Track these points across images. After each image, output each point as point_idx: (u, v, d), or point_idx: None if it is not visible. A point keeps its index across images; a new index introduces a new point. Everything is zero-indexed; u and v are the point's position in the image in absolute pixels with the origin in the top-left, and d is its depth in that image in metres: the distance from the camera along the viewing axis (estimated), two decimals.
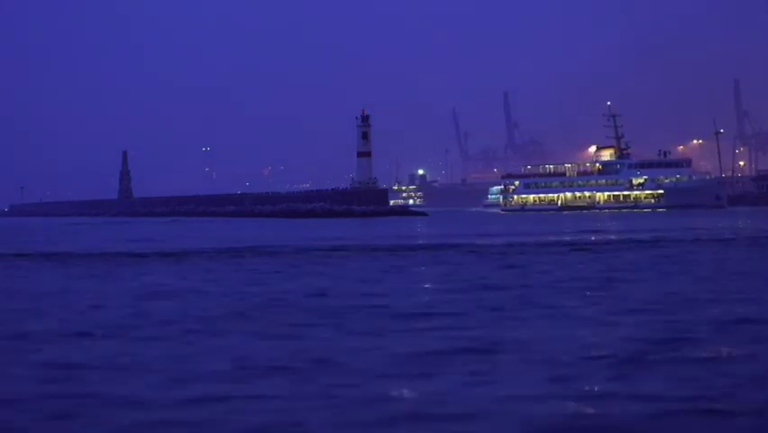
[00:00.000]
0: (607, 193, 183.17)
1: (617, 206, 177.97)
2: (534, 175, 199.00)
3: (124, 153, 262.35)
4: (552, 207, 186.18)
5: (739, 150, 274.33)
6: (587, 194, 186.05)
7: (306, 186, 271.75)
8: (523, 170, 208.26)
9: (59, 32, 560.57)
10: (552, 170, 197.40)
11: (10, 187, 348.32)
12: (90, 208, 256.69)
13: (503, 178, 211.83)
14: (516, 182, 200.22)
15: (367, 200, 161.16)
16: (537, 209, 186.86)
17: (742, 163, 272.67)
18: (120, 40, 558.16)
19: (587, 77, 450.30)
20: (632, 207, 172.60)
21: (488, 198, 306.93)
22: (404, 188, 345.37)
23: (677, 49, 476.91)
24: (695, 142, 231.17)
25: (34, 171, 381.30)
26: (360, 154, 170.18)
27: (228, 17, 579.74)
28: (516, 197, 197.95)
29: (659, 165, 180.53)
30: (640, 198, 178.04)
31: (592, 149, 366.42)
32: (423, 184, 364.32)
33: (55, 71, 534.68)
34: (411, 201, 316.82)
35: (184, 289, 28.50)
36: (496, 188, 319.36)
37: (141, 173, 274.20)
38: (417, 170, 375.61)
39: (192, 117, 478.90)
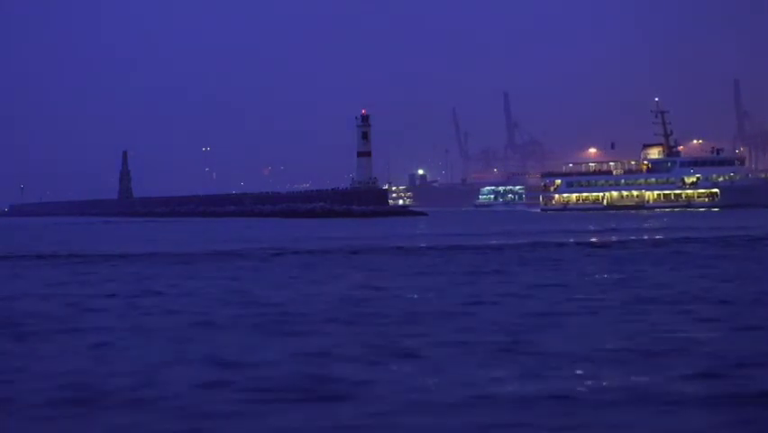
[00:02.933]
0: (656, 192, 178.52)
1: (667, 205, 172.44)
2: (577, 173, 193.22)
3: (124, 153, 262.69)
4: (596, 207, 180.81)
5: (739, 150, 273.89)
6: (635, 193, 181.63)
7: (306, 186, 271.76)
8: (564, 168, 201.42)
9: (60, 32, 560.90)
10: (593, 169, 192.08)
11: (10, 187, 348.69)
12: (90, 208, 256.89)
13: (542, 176, 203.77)
14: (558, 181, 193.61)
15: (367, 200, 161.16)
16: (581, 208, 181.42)
17: None
18: (121, 41, 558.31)
19: (587, 77, 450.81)
20: (685, 207, 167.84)
21: (479, 198, 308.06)
22: (394, 188, 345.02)
23: (677, 48, 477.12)
24: (695, 142, 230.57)
25: (34, 171, 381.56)
26: (360, 154, 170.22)
27: (228, 18, 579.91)
28: (557, 196, 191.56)
29: (712, 163, 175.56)
30: (693, 196, 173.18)
31: (592, 150, 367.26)
32: (422, 184, 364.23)
33: (55, 71, 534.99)
34: (401, 201, 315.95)
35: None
36: (487, 188, 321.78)
37: (141, 173, 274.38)
38: (417, 169, 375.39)
39: (192, 117, 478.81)
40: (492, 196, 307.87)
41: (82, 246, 60.98)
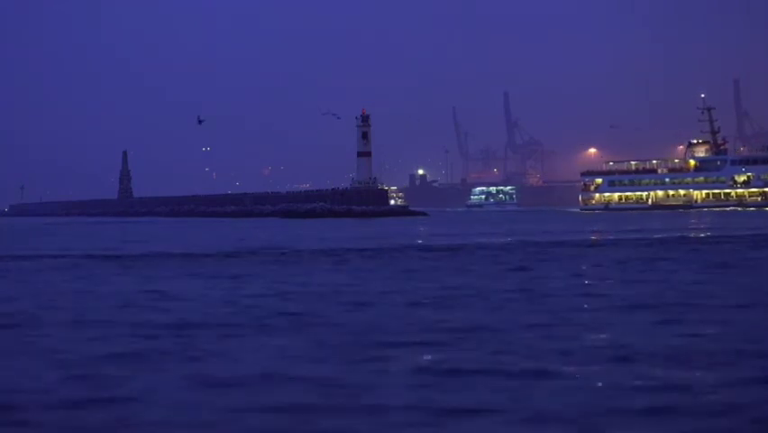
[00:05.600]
0: (705, 191, 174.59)
1: (717, 204, 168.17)
2: (620, 172, 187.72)
3: (124, 153, 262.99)
4: (641, 206, 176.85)
5: (739, 150, 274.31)
6: (682, 192, 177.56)
7: (306, 186, 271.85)
8: (604, 166, 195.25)
9: (60, 31, 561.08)
10: (635, 167, 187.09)
11: (10, 187, 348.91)
12: (91, 208, 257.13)
13: (582, 175, 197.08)
14: (598, 180, 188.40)
15: (367, 200, 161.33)
16: (623, 208, 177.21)
17: None
18: (121, 40, 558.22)
19: (587, 77, 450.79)
20: (736, 206, 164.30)
21: (470, 199, 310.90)
22: (386, 188, 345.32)
23: (677, 48, 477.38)
24: (695, 142, 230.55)
25: (34, 171, 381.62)
26: (360, 154, 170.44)
27: (228, 18, 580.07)
28: (597, 195, 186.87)
29: (764, 161, 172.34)
30: (744, 196, 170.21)
31: (592, 150, 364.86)
32: (422, 184, 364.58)
33: (55, 71, 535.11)
34: (392, 201, 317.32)
35: None
36: (479, 188, 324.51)
37: (141, 173, 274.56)
38: (417, 169, 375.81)
39: (192, 117, 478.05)
40: (483, 196, 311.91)
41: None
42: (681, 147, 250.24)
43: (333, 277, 32.56)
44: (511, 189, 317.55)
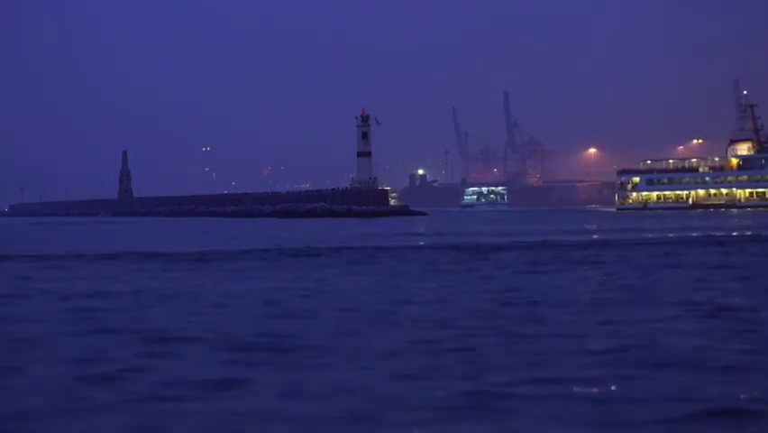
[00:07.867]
0: (749, 190, 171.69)
1: (762, 203, 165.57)
2: (658, 171, 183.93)
3: (124, 153, 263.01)
4: (681, 206, 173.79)
5: None
6: (724, 191, 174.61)
7: (306, 186, 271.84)
8: (642, 165, 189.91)
9: (60, 31, 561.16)
10: (673, 166, 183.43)
11: (10, 187, 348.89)
12: (91, 208, 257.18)
13: (619, 173, 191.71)
14: (636, 178, 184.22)
15: (367, 200, 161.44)
16: (663, 207, 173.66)
17: None
18: (121, 40, 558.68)
19: (587, 77, 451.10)
20: None
21: (464, 199, 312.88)
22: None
23: (677, 48, 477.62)
24: (695, 141, 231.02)
25: (34, 171, 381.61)
26: (360, 154, 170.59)
27: (228, 18, 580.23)
28: (634, 194, 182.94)
29: None
30: None
31: (592, 150, 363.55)
32: (422, 184, 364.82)
33: (55, 71, 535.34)
34: None
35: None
36: (471, 189, 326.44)
37: (141, 173, 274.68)
38: (417, 170, 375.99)
39: (192, 117, 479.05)
40: (475, 197, 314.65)
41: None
42: (682, 147, 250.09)
43: None
44: (503, 190, 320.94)
